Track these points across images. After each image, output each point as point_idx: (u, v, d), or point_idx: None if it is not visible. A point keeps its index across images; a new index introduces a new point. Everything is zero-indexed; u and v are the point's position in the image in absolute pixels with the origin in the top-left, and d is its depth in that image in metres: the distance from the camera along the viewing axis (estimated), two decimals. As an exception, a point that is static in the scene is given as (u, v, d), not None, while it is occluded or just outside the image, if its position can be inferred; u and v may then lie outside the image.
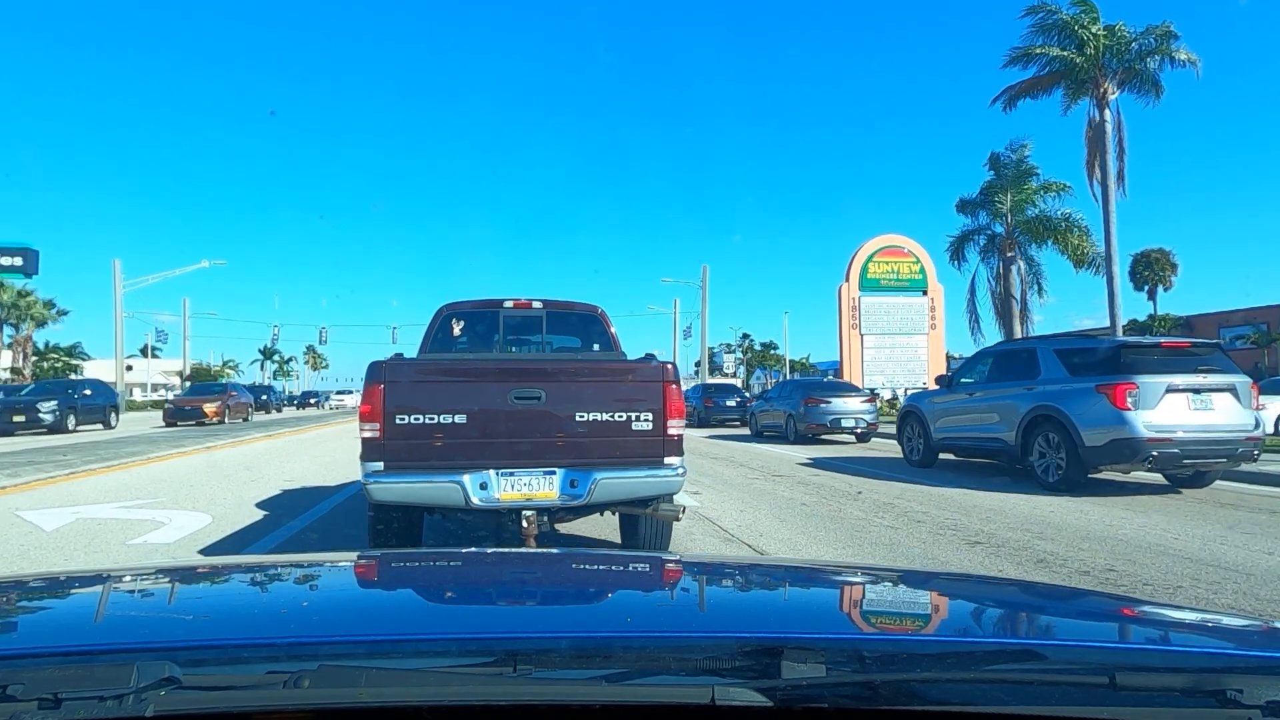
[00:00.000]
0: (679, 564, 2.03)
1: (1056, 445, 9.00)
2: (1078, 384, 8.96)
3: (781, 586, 1.64)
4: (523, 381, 4.74)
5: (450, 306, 6.57)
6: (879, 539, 6.43)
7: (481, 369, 5.03)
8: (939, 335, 32.24)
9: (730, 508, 8.10)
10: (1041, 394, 9.38)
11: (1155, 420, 8.30)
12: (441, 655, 0.96)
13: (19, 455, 14.87)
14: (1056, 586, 3.09)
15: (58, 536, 6.52)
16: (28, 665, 0.89)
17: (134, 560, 5.62)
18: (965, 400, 11.08)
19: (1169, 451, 8.29)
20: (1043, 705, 0.90)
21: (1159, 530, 6.69)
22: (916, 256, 32.01)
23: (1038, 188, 27.78)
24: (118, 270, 46.50)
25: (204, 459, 14.30)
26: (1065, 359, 9.43)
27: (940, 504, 8.27)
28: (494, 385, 4.73)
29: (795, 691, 0.88)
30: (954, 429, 11.23)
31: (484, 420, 4.66)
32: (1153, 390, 8.39)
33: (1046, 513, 7.55)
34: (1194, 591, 4.74)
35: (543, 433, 4.70)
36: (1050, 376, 9.44)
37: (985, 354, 11.72)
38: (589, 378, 4.92)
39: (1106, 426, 8.47)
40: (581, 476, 4.65)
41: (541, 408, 4.69)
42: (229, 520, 7.27)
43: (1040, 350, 9.93)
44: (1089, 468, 8.81)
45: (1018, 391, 9.81)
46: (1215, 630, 1.34)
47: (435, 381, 4.82)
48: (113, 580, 1.57)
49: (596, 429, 4.72)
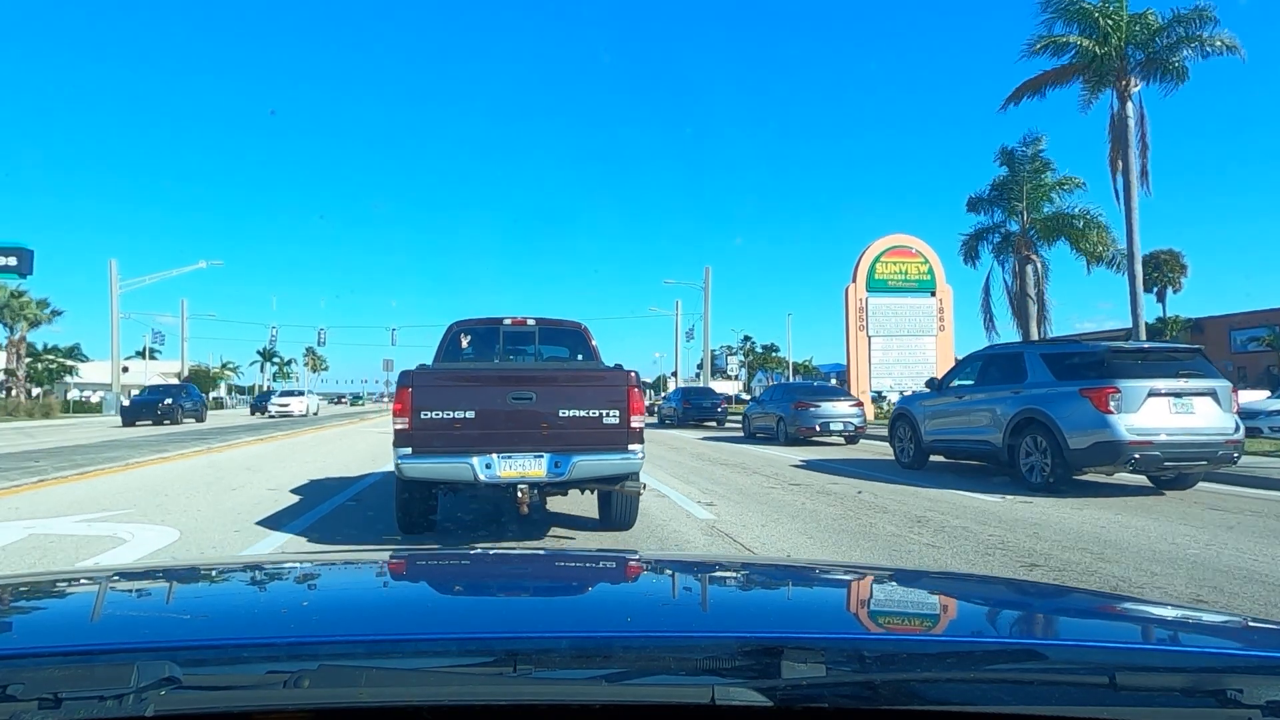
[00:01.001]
0: (679, 564, 2.03)
1: (1042, 447, 9.12)
2: (1063, 387, 9.12)
3: (781, 586, 1.64)
4: (517, 385, 5.93)
5: (460, 323, 7.98)
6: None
7: (486, 375, 6.25)
8: (948, 337, 31.41)
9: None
10: (1028, 397, 9.50)
11: (1137, 423, 8.48)
12: (441, 655, 0.96)
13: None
14: (1056, 586, 3.09)
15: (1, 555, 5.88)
16: (28, 665, 0.89)
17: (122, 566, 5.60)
18: (955, 403, 11.20)
19: (1150, 454, 8.48)
20: (1043, 705, 0.90)
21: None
22: (925, 257, 31.29)
23: (1054, 183, 26.53)
24: (114, 270, 46.48)
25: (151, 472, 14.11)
26: (1051, 363, 9.58)
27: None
28: (495, 388, 5.92)
29: (795, 691, 0.88)
30: (944, 431, 11.33)
31: (488, 415, 5.81)
32: (1135, 394, 8.57)
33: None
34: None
35: (533, 425, 5.83)
36: (1036, 380, 9.57)
37: (974, 357, 11.85)
38: (569, 382, 6.08)
39: (1090, 429, 8.63)
40: (563, 459, 5.80)
41: (532, 406, 5.85)
42: (199, 536, 6.64)
43: (1027, 354, 10.12)
44: (1074, 469, 8.94)
45: (1005, 395, 9.93)
46: (1215, 630, 1.34)
47: (450, 385, 5.97)
48: (113, 580, 1.57)
49: (575, 422, 5.87)
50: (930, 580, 1.92)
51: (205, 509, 8.15)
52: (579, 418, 5.87)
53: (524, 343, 7.93)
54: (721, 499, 8.80)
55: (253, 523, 7.26)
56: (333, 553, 4.80)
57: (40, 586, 1.54)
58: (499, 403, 5.83)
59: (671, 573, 1.79)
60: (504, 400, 5.83)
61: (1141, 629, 1.38)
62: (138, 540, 6.48)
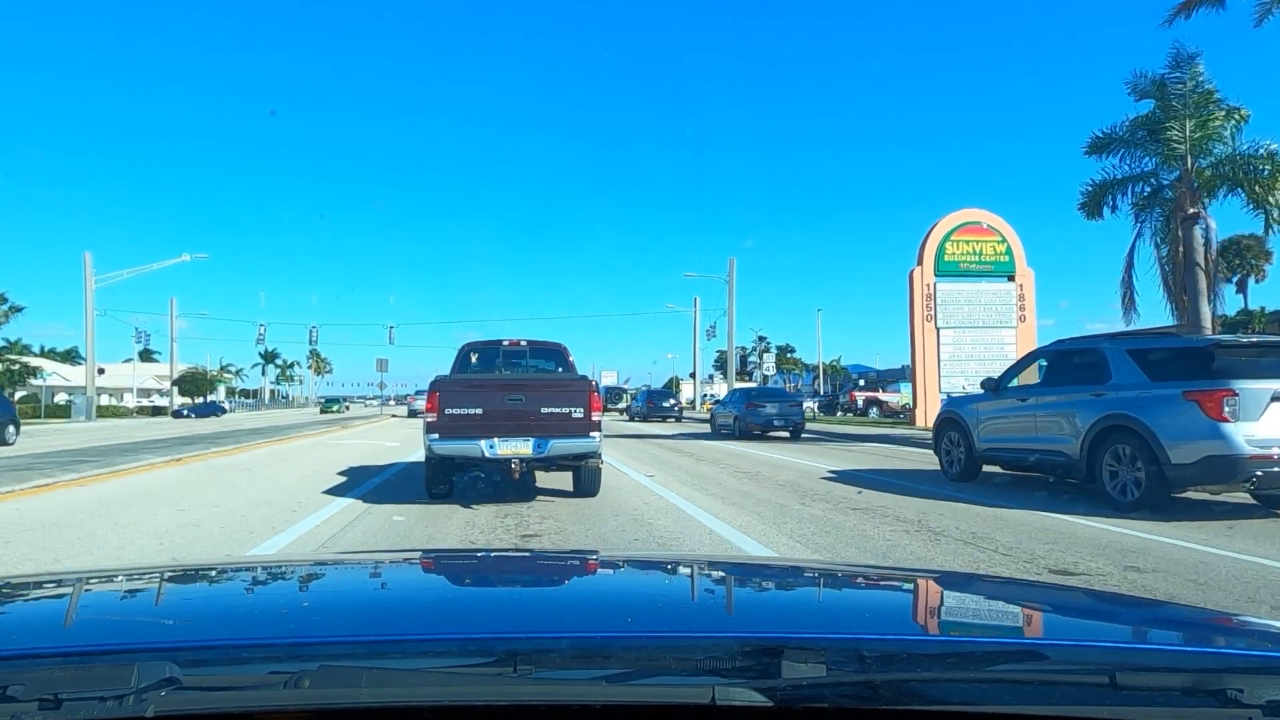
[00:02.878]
0: (679, 564, 2.03)
1: (1133, 460, 7.81)
2: (1160, 390, 7.75)
3: (781, 586, 1.64)
4: (512, 390, 8.32)
5: (470, 344, 10.94)
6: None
7: (489, 383, 8.79)
8: (1030, 328, 26.52)
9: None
10: (1114, 400, 8.14)
11: (1259, 433, 7.08)
12: (441, 655, 0.96)
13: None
14: (1056, 586, 3.09)
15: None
16: (28, 665, 0.89)
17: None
18: (1017, 406, 9.76)
19: (1274, 470, 7.07)
20: (1043, 705, 0.90)
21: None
22: (1002, 235, 26.43)
23: (1220, 116, 18.97)
24: (89, 265, 43.21)
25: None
26: (1142, 360, 8.21)
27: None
28: (496, 392, 8.28)
29: (795, 691, 0.88)
30: (1003, 439, 9.88)
31: (491, 411, 8.07)
32: (1256, 398, 7.16)
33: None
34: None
35: (523, 418, 8.05)
36: (1124, 381, 8.19)
37: (1039, 354, 10.60)
38: (547, 388, 8.47)
39: (1199, 440, 7.27)
40: (543, 442, 8.04)
41: (522, 405, 8.09)
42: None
43: (1110, 350, 8.64)
44: (1174, 487, 7.59)
45: (1083, 398, 8.56)
46: (1215, 630, 1.34)
47: (464, 390, 8.38)
48: (113, 580, 1.57)
49: (552, 416, 8.10)
50: (931, 580, 1.92)
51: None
52: (555, 413, 8.10)
53: (518, 358, 10.64)
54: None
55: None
56: (332, 553, 4.81)
57: (40, 586, 1.54)
58: (499, 402, 8.09)
59: (671, 573, 1.79)
60: (503, 401, 8.11)
61: (1141, 629, 1.38)
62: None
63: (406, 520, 7.32)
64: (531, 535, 6.58)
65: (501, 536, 6.57)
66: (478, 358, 10.59)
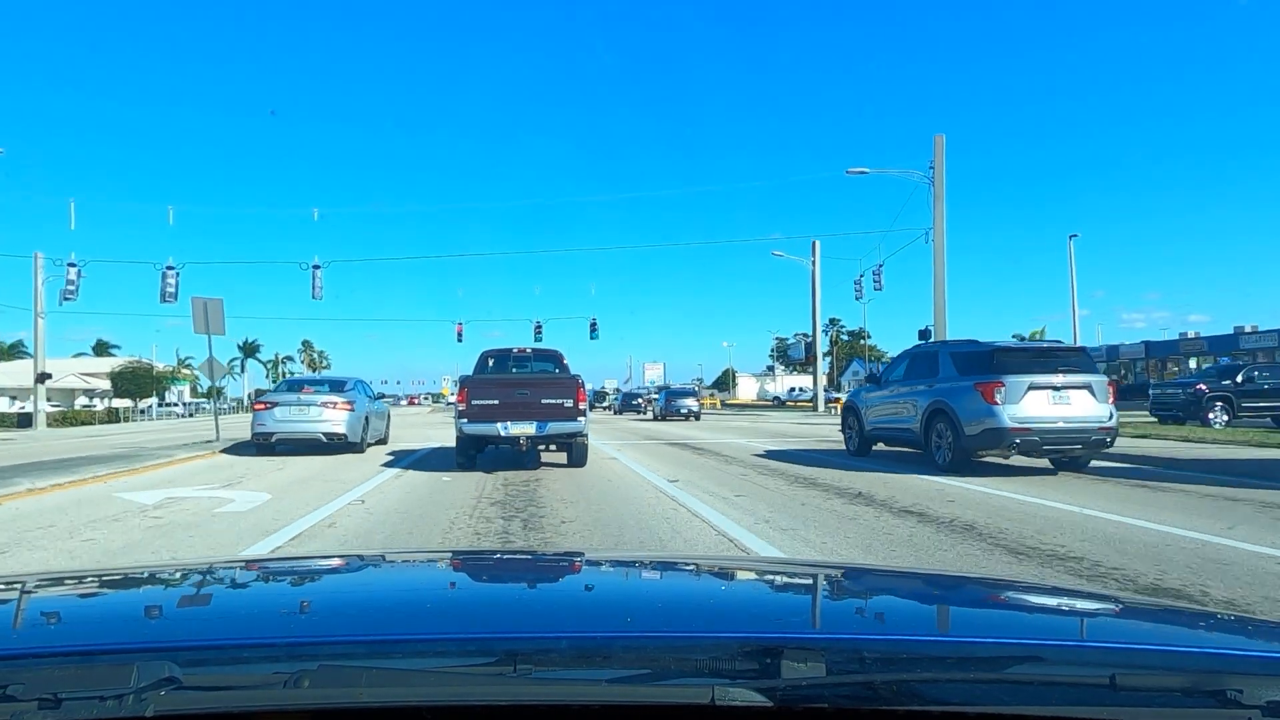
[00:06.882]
0: (679, 564, 2.03)
1: (946, 434, 10.68)
2: (963, 382, 10.65)
3: (781, 586, 1.64)
4: (520, 386, 11.31)
5: (487, 352, 13.92)
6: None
7: (503, 380, 11.97)
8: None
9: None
10: (938, 390, 11.12)
11: (1019, 413, 9.94)
12: (441, 655, 0.96)
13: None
14: (1057, 586, 3.09)
15: None
16: (28, 665, 0.89)
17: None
18: (889, 395, 12.79)
19: (1030, 439, 9.93)
20: (1043, 705, 0.90)
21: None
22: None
23: None
24: (38, 264, 36.35)
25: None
26: (956, 361, 11.18)
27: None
28: (509, 388, 11.30)
29: (795, 691, 0.88)
30: (880, 420, 12.93)
31: (505, 401, 11.01)
32: (1017, 387, 10.06)
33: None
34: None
35: (528, 406, 10.99)
36: (946, 375, 11.18)
37: (906, 355, 13.51)
38: (546, 384, 11.46)
39: (981, 418, 10.15)
40: (543, 424, 10.97)
41: (528, 397, 11.03)
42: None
43: (941, 353, 11.87)
44: (970, 453, 10.51)
45: (922, 388, 11.60)
46: (1215, 630, 1.34)
47: (485, 386, 11.45)
48: (113, 580, 1.57)
49: (550, 405, 11.04)
50: (930, 580, 1.92)
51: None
52: (552, 403, 11.03)
53: (525, 361, 13.93)
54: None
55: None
56: (332, 553, 4.80)
57: (40, 586, 1.54)
58: (511, 395, 11.05)
59: (672, 573, 1.79)
60: (513, 394, 11.07)
61: (1141, 629, 1.38)
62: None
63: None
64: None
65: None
66: (494, 361, 13.67)
